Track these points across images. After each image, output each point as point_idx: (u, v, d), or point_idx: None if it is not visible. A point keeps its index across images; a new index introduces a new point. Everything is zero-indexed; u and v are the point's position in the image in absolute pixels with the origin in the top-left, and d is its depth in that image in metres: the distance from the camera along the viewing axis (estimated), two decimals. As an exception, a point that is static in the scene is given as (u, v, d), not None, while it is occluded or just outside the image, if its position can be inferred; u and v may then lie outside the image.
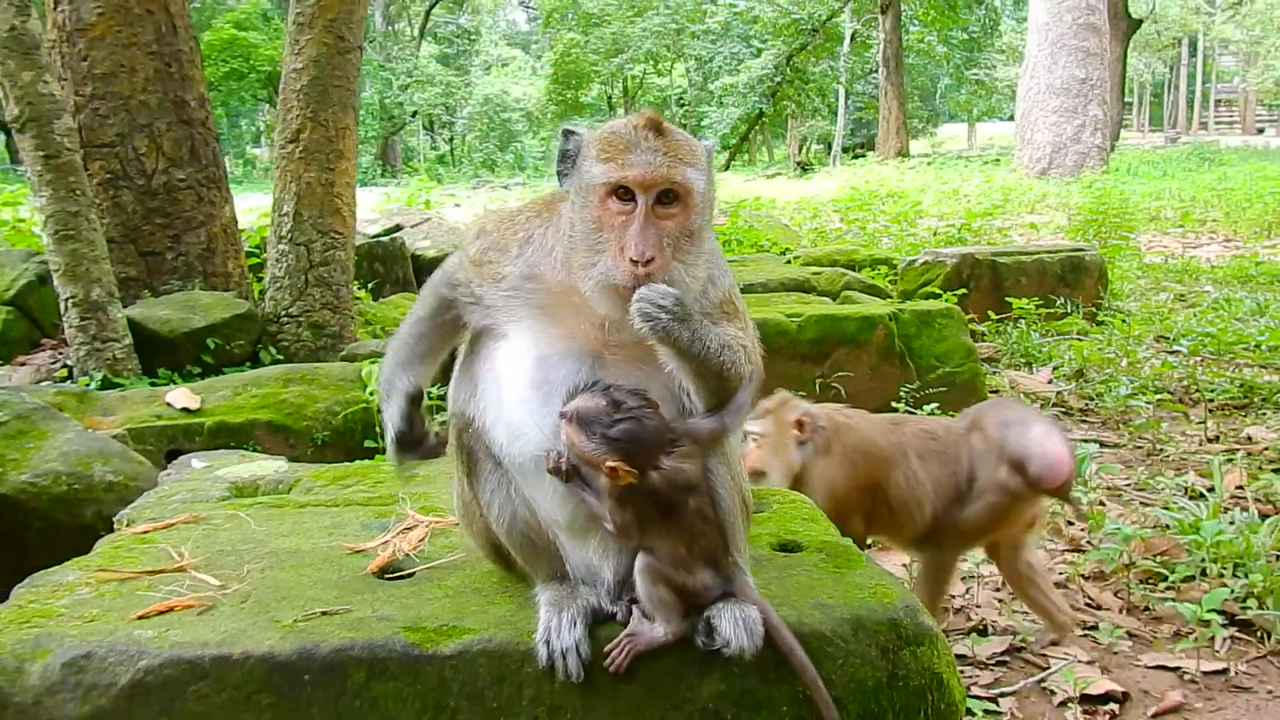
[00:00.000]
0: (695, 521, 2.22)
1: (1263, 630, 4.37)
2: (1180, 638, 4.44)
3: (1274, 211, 17.65)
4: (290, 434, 6.32)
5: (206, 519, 2.92)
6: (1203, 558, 4.82)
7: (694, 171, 2.26)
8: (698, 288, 2.31)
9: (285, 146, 8.67)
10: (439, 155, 49.70)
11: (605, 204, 2.26)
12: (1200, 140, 44.32)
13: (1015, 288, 10.32)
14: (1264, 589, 4.51)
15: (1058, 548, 5.41)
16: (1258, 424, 7.23)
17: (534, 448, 2.33)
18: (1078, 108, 25.91)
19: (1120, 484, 6.19)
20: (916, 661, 2.23)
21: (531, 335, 2.38)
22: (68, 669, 2.11)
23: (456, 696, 2.16)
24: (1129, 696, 4.02)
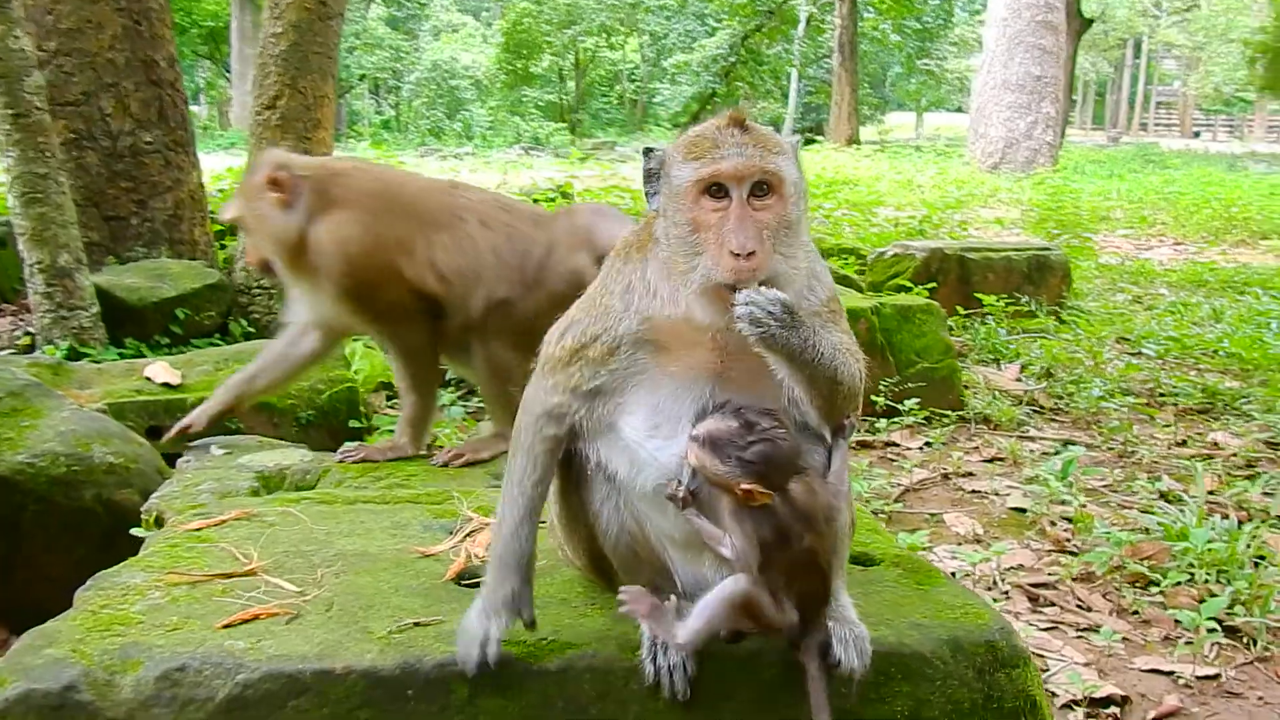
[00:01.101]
0: (802, 559, 2.18)
1: (1249, 636, 4.50)
2: (1169, 641, 4.56)
3: (1221, 218, 18.15)
4: (274, 413, 6.18)
5: (258, 516, 2.86)
6: (1191, 563, 4.95)
7: (785, 160, 2.24)
8: (801, 281, 2.28)
9: (261, 113, 8.45)
10: (384, 120, 48.80)
11: (699, 203, 2.22)
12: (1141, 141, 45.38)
13: (983, 284, 10.46)
14: (1250, 596, 4.65)
15: (1043, 548, 5.51)
16: (1222, 429, 7.43)
17: (655, 477, 2.30)
18: (1031, 104, 26.31)
19: (1096, 485, 6.34)
20: (1012, 684, 2.27)
21: (650, 383, 2.32)
22: (162, 682, 2.05)
23: (560, 713, 2.15)
24: (1129, 700, 4.12)
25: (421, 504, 3.04)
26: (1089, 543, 5.37)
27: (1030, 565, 5.26)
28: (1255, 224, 17.64)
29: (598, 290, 2.44)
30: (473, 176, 22.69)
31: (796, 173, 2.29)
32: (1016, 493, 6.15)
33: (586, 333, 2.36)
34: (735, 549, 2.17)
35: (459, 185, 4.23)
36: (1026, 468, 6.55)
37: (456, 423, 6.57)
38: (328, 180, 3.75)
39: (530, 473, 2.38)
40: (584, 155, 17.71)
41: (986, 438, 7.15)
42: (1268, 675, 4.28)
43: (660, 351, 2.31)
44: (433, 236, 3.81)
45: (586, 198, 14.38)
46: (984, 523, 5.76)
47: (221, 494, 3.32)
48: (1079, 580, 5.10)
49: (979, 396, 7.76)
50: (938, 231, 14.72)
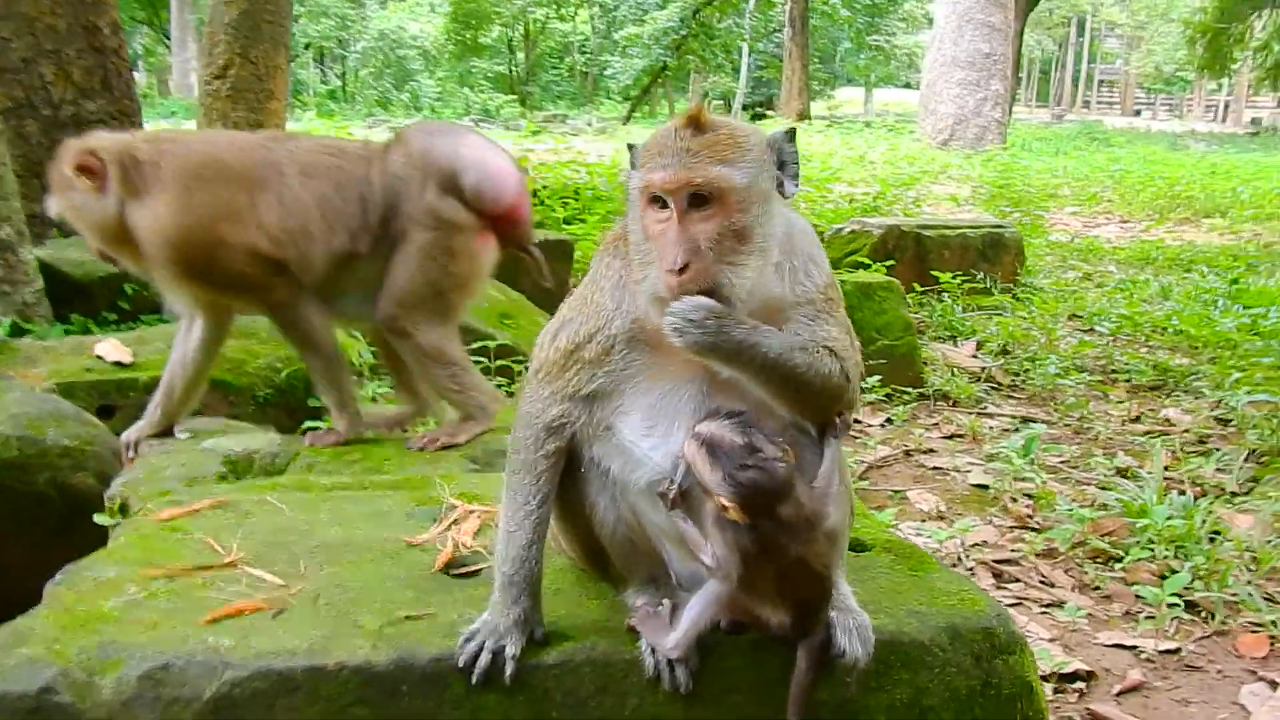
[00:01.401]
0: (793, 569, 2.12)
1: (1207, 611, 4.58)
2: (1130, 616, 4.63)
3: (1165, 196, 18.47)
4: (230, 391, 6.02)
5: (233, 504, 2.76)
6: (1150, 539, 5.02)
7: (727, 169, 2.11)
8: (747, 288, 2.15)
9: (211, 83, 8.25)
10: (330, 90, 47.91)
11: (646, 212, 2.16)
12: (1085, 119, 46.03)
13: (939, 261, 10.52)
14: (1207, 571, 4.74)
15: (1006, 524, 5.57)
16: (1174, 405, 7.56)
17: (650, 475, 2.25)
18: (980, 81, 26.51)
19: (1055, 462, 6.41)
20: (1009, 670, 2.27)
21: (645, 383, 2.26)
22: (144, 682, 1.97)
23: (559, 706, 2.10)
24: (1094, 674, 4.18)
25: (402, 490, 2.96)
26: (1051, 519, 5.43)
27: (994, 542, 5.31)
28: (1198, 203, 17.97)
29: (589, 286, 2.37)
30: (423, 148, 22.37)
31: (750, 175, 2.15)
32: (977, 469, 6.21)
33: (580, 332, 2.28)
34: (716, 557, 2.11)
35: (281, 136, 3.98)
36: (986, 444, 6.62)
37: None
38: (137, 157, 3.51)
39: (535, 493, 2.31)
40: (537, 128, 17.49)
41: (946, 414, 7.21)
42: (1225, 649, 4.36)
43: (653, 350, 2.25)
44: (256, 197, 3.58)
45: (543, 172, 14.25)
46: (947, 499, 5.81)
47: (188, 480, 3.21)
48: (1042, 556, 5.15)
49: (938, 373, 7.82)
50: (892, 208, 14.80)
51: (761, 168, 2.19)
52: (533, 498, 2.30)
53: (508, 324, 7.44)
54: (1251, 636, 4.38)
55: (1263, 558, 4.82)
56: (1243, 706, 3.94)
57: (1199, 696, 4.05)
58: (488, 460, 3.57)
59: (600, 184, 13.95)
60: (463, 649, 2.13)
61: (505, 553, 2.28)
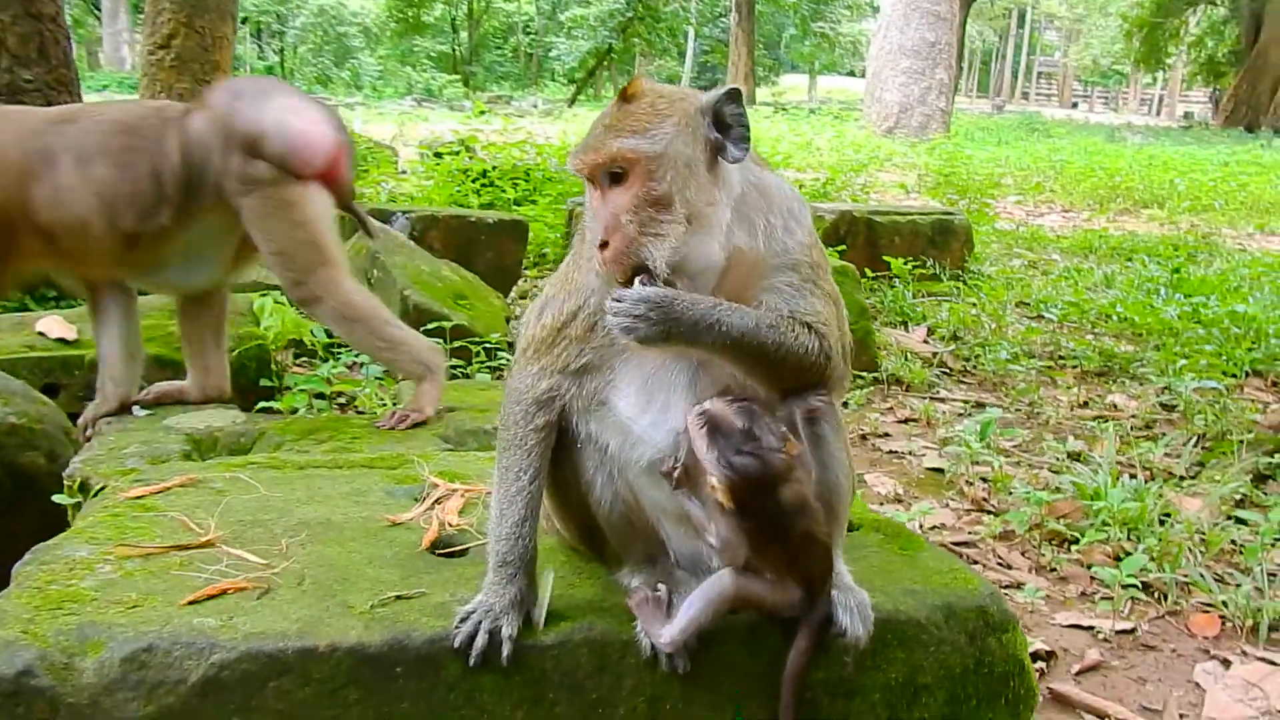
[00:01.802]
0: (801, 544, 2.12)
1: (1160, 592, 4.68)
2: (1086, 597, 4.72)
3: (1105, 187, 18.84)
4: (180, 370, 5.87)
5: (205, 482, 2.68)
6: (1105, 521, 5.11)
7: (634, 139, 2.08)
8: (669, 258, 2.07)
9: (154, 53, 8.00)
10: (268, 66, 46.93)
11: (588, 195, 2.19)
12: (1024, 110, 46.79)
13: (889, 247, 10.62)
14: (1160, 552, 4.83)
15: (962, 507, 5.63)
16: (1120, 392, 7.71)
17: (650, 454, 2.22)
18: (925, 70, 26.79)
19: (1007, 445, 6.50)
20: (1002, 648, 2.28)
21: (637, 358, 2.22)
22: (128, 664, 1.89)
23: (556, 688, 2.07)
24: (1054, 655, 4.24)
25: (377, 469, 2.90)
26: (1007, 502, 5.50)
27: (951, 524, 5.37)
28: (1137, 193, 18.35)
29: (570, 265, 2.33)
30: (366, 127, 22.06)
31: (661, 144, 2.09)
32: (932, 453, 6.27)
33: (564, 310, 2.26)
34: (720, 538, 2.10)
35: (70, 115, 3.70)
36: (940, 429, 6.69)
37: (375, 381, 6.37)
38: None
39: (526, 468, 2.27)
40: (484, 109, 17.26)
41: (900, 399, 7.27)
42: (1179, 628, 4.46)
43: None
44: (28, 192, 3.41)
45: (492, 152, 14.08)
46: (904, 483, 5.85)
47: (151, 458, 3.11)
48: (999, 539, 5.22)
49: (891, 358, 7.87)
50: (841, 194, 14.89)
51: (682, 132, 2.12)
52: (524, 473, 2.26)
53: (462, 305, 7.35)
54: (1203, 616, 4.48)
55: (1212, 540, 4.92)
56: (1197, 684, 4.03)
57: (1155, 675, 4.14)
58: (460, 439, 3.52)
59: (551, 165, 13.84)
60: (458, 629, 2.08)
61: (498, 531, 2.24)
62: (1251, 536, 4.91)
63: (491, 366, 6.85)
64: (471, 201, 12.10)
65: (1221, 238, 14.54)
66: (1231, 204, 17.55)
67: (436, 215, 8.96)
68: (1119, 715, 3.75)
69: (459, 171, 12.81)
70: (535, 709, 2.06)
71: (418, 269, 7.41)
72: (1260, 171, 22.29)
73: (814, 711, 2.20)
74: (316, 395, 6.19)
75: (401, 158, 17.46)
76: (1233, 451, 5.95)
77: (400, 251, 7.56)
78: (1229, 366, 7.75)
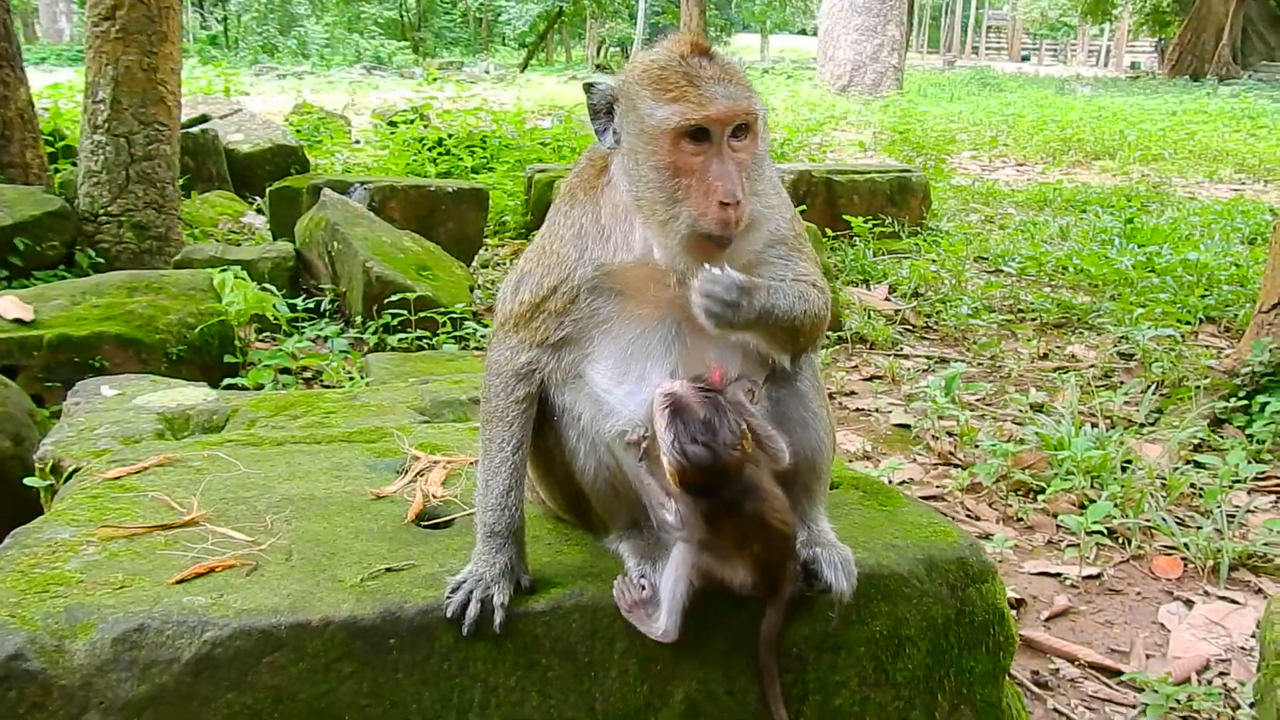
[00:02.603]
0: (752, 528, 2.13)
1: (1124, 537, 4.78)
2: (1053, 545, 4.81)
3: (1057, 140, 19.00)
4: (142, 348, 5.83)
5: (182, 461, 2.65)
6: (1070, 470, 5.21)
7: (754, 95, 2.12)
8: (776, 215, 2.22)
9: (99, 24, 7.79)
10: (211, 36, 45.93)
11: (679, 147, 2.08)
12: (976, 65, 46.88)
13: (849, 205, 10.68)
14: (1123, 498, 4.94)
15: (930, 462, 5.71)
16: (1078, 342, 7.83)
17: (622, 424, 2.23)
18: (877, 27, 26.78)
19: (971, 399, 6.58)
20: (982, 598, 2.33)
21: (615, 329, 2.23)
22: (120, 645, 1.89)
23: (548, 653, 2.09)
24: (1023, 602, 4.33)
25: (356, 443, 2.89)
26: (973, 455, 5.58)
27: (920, 479, 5.44)
28: (1088, 145, 18.53)
29: (547, 237, 2.31)
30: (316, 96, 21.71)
31: (764, 108, 2.18)
32: (898, 409, 6.34)
33: (543, 284, 2.24)
34: (679, 514, 2.10)
35: None
36: (905, 385, 6.76)
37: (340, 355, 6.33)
38: None
39: (509, 439, 2.28)
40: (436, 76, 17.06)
41: (865, 356, 7.33)
42: (1143, 572, 4.57)
43: (621, 297, 2.22)
44: None
45: (447, 120, 13.93)
46: (871, 440, 5.92)
47: (124, 438, 3.08)
48: (967, 491, 5.30)
49: (855, 317, 7.93)
50: (798, 155, 14.90)
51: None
52: (508, 444, 2.27)
53: (425, 275, 7.30)
54: (1166, 559, 4.60)
55: (1172, 484, 5.04)
56: (1162, 625, 4.14)
57: (1121, 618, 4.24)
58: (436, 411, 3.51)
59: (508, 131, 13.71)
60: (450, 599, 2.09)
61: (485, 502, 2.25)
62: (1210, 480, 5.03)
63: (458, 336, 6.82)
64: (428, 170, 11.99)
65: (1172, 187, 14.73)
66: (1180, 153, 17.78)
67: (395, 185, 8.88)
68: (1088, 658, 3.85)
69: (414, 140, 12.68)
70: (529, 674, 2.08)
71: (379, 240, 7.34)
72: (1207, 120, 22.57)
73: (800, 667, 2.24)
74: (282, 370, 6.15)
75: (354, 127, 17.23)
76: (1190, 397, 6.07)
77: (360, 223, 7.48)
78: (1183, 314, 7.90)
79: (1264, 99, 27.45)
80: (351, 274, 7.13)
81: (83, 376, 4.44)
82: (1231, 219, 11.72)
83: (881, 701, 2.29)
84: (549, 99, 23.44)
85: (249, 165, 11.51)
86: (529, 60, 42.63)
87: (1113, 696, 3.66)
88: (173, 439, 3.14)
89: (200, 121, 12.00)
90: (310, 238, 7.65)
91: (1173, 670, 3.75)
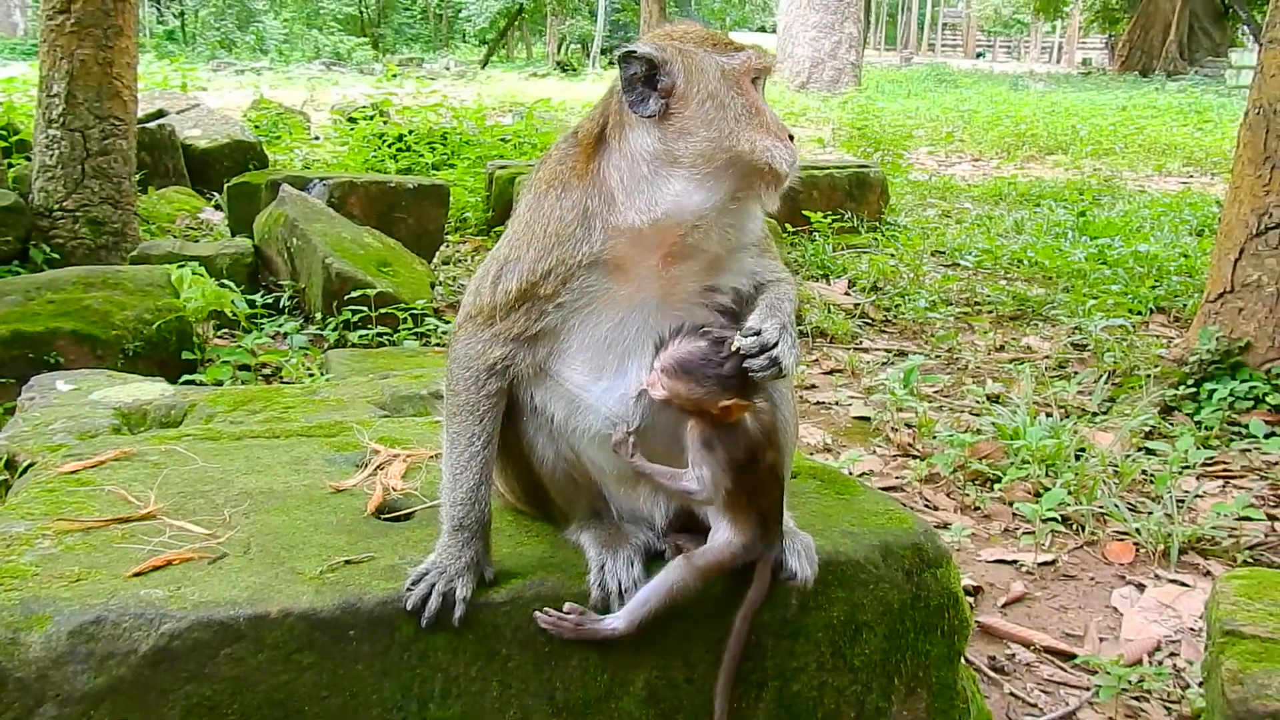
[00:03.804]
0: (766, 476, 2.17)
1: (1078, 524, 4.86)
2: (1009, 533, 4.88)
3: (1012, 135, 19.22)
4: (98, 344, 5.77)
5: (139, 455, 2.62)
6: (1025, 459, 5.27)
7: None
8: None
9: (54, 17, 7.67)
10: (167, 31, 45.26)
11: (751, 90, 2.23)
12: (932, 61, 47.24)
13: (808, 201, 10.71)
14: (1077, 486, 5.01)
15: (889, 453, 5.76)
16: (1033, 334, 7.93)
17: (599, 423, 2.23)
18: (835, 24, 26.92)
19: (929, 391, 6.65)
20: (937, 583, 2.36)
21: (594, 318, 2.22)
22: (76, 637, 1.86)
23: (509, 644, 2.09)
24: (980, 590, 4.39)
25: (315, 437, 2.87)
26: (931, 446, 5.64)
27: (879, 470, 5.49)
28: (1042, 140, 18.77)
29: (535, 224, 2.26)
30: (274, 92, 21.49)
31: None
32: (858, 402, 6.39)
33: (536, 268, 2.20)
34: (703, 479, 2.11)
35: None
36: (865, 378, 6.82)
37: (300, 351, 6.28)
38: None
39: (479, 434, 2.26)
40: (396, 72, 16.94)
41: (825, 350, 7.38)
42: (1096, 558, 4.65)
43: (612, 273, 2.21)
44: None
45: (408, 116, 13.84)
46: (832, 433, 5.96)
47: (80, 433, 3.04)
48: (925, 482, 5.35)
49: (815, 311, 7.97)
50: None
51: None
52: (477, 439, 2.25)
53: (386, 272, 7.25)
54: (1119, 544, 4.68)
55: (1124, 471, 5.12)
56: (1115, 609, 4.22)
57: (1076, 603, 4.31)
58: (396, 406, 3.50)
59: (468, 128, 13.65)
60: (410, 591, 2.08)
61: (453, 496, 2.24)
62: (1161, 466, 5.12)
63: (418, 333, 6.79)
64: (389, 167, 11.91)
65: (1123, 180, 14.95)
66: (1131, 147, 18.04)
67: (355, 181, 8.82)
68: (1043, 643, 3.91)
69: (374, 136, 12.59)
70: (489, 664, 2.08)
71: (339, 236, 7.29)
72: (1156, 114, 22.93)
73: (759, 654, 2.26)
74: (241, 367, 6.09)
75: (314, 123, 17.08)
76: (1141, 386, 6.17)
77: (320, 219, 7.42)
78: (1135, 305, 8.02)
79: (1210, 94, 27.93)
80: (311, 270, 7.07)
81: (38, 372, 4.38)
82: (1180, 211, 11.93)
83: (839, 686, 2.31)
84: (510, 95, 23.33)
85: (207, 161, 11.37)
86: (490, 57, 42.40)
87: (1067, 680, 3.72)
88: (129, 434, 3.11)
89: (157, 117, 11.84)
90: (269, 234, 7.59)
91: (1125, 652, 3.81)
